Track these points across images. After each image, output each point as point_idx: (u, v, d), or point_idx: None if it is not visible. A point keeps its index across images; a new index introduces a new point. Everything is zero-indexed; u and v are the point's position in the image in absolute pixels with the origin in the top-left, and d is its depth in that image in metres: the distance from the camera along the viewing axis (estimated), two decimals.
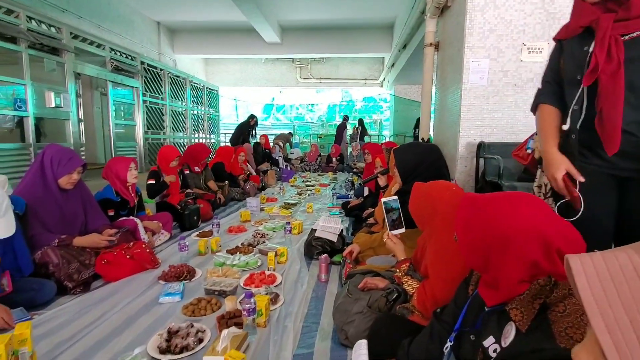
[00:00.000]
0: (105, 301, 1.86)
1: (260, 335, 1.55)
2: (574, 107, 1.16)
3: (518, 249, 0.73)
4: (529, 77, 3.31)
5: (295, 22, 9.68)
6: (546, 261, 0.72)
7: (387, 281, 1.62)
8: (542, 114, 1.29)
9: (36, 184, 2.06)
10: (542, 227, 0.73)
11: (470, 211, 0.81)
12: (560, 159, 1.19)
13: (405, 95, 10.95)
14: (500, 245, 0.75)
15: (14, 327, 1.49)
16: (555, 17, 3.18)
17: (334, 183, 6.10)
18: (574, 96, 1.16)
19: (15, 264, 1.77)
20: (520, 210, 0.75)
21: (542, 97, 1.30)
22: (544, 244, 0.72)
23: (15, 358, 1.20)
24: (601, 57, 1.06)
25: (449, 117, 3.80)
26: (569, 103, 1.18)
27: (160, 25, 9.79)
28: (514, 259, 0.74)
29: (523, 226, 0.73)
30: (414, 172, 1.99)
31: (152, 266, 2.26)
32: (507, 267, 0.75)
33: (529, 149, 1.92)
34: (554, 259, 0.72)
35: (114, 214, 2.58)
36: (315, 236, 2.57)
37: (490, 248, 0.77)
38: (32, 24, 4.61)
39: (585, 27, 1.11)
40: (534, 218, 0.74)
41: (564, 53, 1.22)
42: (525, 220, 0.74)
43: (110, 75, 6.05)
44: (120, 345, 1.48)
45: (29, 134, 4.53)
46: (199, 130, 9.47)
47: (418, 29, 6.15)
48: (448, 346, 0.99)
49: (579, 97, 1.14)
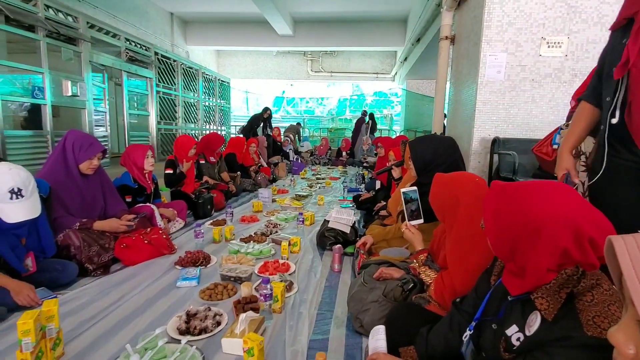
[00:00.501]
0: (124, 284, 1.91)
1: (276, 321, 1.58)
2: (606, 99, 1.15)
3: (549, 237, 0.73)
4: (547, 72, 3.25)
5: (307, 14, 9.62)
6: (577, 250, 0.72)
7: (403, 271, 1.63)
8: (578, 110, 1.33)
9: (58, 169, 2.11)
10: (574, 215, 0.72)
11: (500, 198, 0.81)
12: (566, 160, 1.33)
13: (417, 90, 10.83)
14: (530, 233, 0.75)
15: (40, 303, 1.55)
16: (576, 11, 3.11)
17: (344, 177, 6.11)
18: (609, 89, 1.15)
19: (39, 246, 1.83)
20: (553, 197, 0.75)
21: (585, 93, 1.32)
22: (576, 232, 0.71)
23: (43, 333, 1.24)
24: (633, 50, 1.04)
25: (464, 111, 3.76)
26: (604, 96, 1.18)
27: (173, 17, 9.82)
28: (545, 247, 0.73)
29: (556, 213, 0.73)
30: (430, 164, 1.98)
31: (169, 252, 2.31)
32: (537, 254, 0.75)
33: (555, 144, 1.88)
34: (585, 247, 0.71)
35: (131, 200, 2.63)
36: (328, 227, 2.59)
37: (519, 235, 0.77)
38: (50, 12, 4.67)
39: (628, 18, 1.09)
40: (566, 206, 0.73)
41: (607, 45, 1.21)
42: (558, 208, 0.73)
43: (125, 65, 6.11)
44: (141, 326, 1.52)
45: (47, 121, 4.62)
46: (210, 122, 9.53)
47: (433, 22, 6.06)
48: (467, 335, 1.00)
49: (613, 90, 1.13)
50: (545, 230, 0.73)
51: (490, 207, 0.83)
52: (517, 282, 0.83)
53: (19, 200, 1.57)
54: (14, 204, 1.56)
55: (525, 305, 0.83)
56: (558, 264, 0.75)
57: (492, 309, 0.95)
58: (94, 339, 1.42)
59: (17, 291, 1.57)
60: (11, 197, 1.55)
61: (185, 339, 1.38)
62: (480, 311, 0.98)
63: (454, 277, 1.25)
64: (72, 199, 2.11)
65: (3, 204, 1.55)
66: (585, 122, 1.28)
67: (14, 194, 1.55)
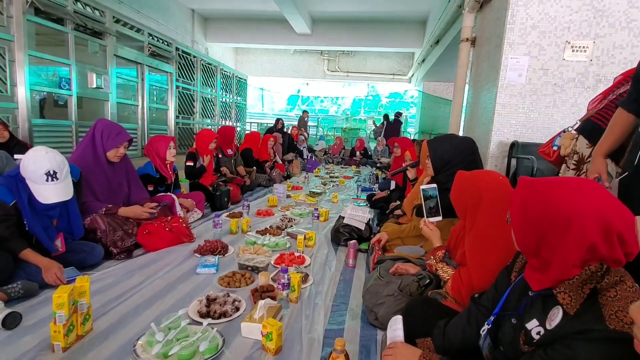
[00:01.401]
0: (147, 268, 1.98)
1: (293, 310, 1.62)
2: None
3: (579, 231, 0.73)
4: (571, 76, 3.20)
5: (326, 13, 9.66)
6: (605, 245, 0.73)
7: (419, 268, 1.65)
8: (614, 116, 1.35)
9: (87, 155, 2.20)
10: (604, 210, 0.73)
11: (529, 192, 0.82)
12: (598, 163, 1.36)
13: (434, 92, 10.76)
14: (559, 227, 0.76)
15: (64, 283, 1.62)
16: (603, 15, 3.06)
17: (358, 176, 6.12)
18: None
19: (68, 227, 1.91)
20: (583, 192, 0.76)
21: (622, 100, 1.32)
22: (605, 227, 0.72)
23: (75, 308, 1.31)
24: None
25: (482, 114, 3.74)
26: None
27: (194, 13, 10.00)
28: (573, 241, 0.74)
29: (586, 208, 0.74)
30: (449, 163, 1.99)
31: (189, 240, 2.38)
32: (564, 249, 0.76)
33: (555, 145, 1.91)
34: (613, 242, 0.72)
35: (153, 189, 2.71)
36: (343, 223, 2.62)
37: (547, 229, 0.78)
38: (78, 6, 4.82)
39: None
40: (596, 201, 0.74)
41: None
42: (588, 202, 0.74)
43: (147, 59, 6.25)
44: (164, 307, 1.58)
45: (72, 112, 4.77)
46: (226, 118, 9.66)
47: (453, 24, 6.02)
48: (485, 329, 1.01)
49: None
50: (575, 224, 0.74)
51: (518, 201, 0.84)
52: (539, 277, 0.84)
53: (54, 183, 1.65)
54: (49, 186, 1.65)
55: (546, 300, 0.84)
56: (583, 259, 0.76)
57: (512, 304, 0.96)
58: (120, 317, 1.49)
59: (48, 268, 1.65)
60: (47, 179, 1.63)
61: (206, 321, 1.43)
62: (500, 306, 0.99)
63: (472, 273, 1.26)
64: (99, 185, 2.20)
65: (39, 185, 1.64)
66: (620, 129, 1.30)
67: (49, 176, 1.63)
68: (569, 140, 1.74)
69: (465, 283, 1.30)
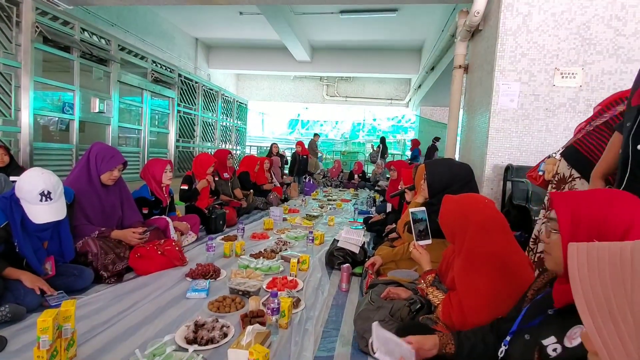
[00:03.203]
0: (136, 292, 1.95)
1: (282, 335, 1.59)
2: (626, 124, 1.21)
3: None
4: (562, 101, 3.27)
5: (325, 42, 10.00)
6: None
7: (410, 292, 1.63)
8: (611, 139, 1.37)
9: (82, 178, 2.22)
10: None
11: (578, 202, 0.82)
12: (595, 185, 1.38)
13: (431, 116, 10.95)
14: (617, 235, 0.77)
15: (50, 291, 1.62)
16: (590, 43, 3.17)
17: (356, 199, 6.12)
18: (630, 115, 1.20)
19: (59, 250, 1.90)
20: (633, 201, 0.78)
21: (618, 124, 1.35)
22: None
23: (59, 332, 1.29)
24: None
25: (476, 139, 3.79)
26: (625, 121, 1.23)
27: (198, 42, 10.36)
28: None
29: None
30: (447, 187, 1.99)
31: (181, 264, 2.35)
32: None
33: (540, 171, 1.96)
34: None
35: (148, 212, 2.72)
36: (337, 246, 2.60)
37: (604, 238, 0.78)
38: (85, 35, 5.01)
39: None
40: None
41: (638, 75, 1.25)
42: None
43: (150, 85, 6.42)
44: (150, 333, 1.55)
45: (74, 136, 4.86)
46: (226, 141, 9.79)
47: (447, 51, 6.22)
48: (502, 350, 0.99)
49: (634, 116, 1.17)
50: (632, 232, 0.75)
51: (566, 213, 0.84)
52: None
53: (47, 203, 1.66)
54: (42, 206, 1.66)
55: (566, 317, 0.84)
56: None
57: (527, 321, 0.96)
58: (105, 343, 1.45)
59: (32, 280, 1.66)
60: (41, 199, 1.64)
61: (192, 347, 1.40)
62: (516, 324, 0.98)
63: (462, 297, 1.25)
64: (92, 208, 2.20)
65: (33, 205, 1.65)
66: (616, 151, 1.31)
67: (43, 196, 1.65)
68: (552, 166, 1.80)
69: (456, 308, 1.28)
